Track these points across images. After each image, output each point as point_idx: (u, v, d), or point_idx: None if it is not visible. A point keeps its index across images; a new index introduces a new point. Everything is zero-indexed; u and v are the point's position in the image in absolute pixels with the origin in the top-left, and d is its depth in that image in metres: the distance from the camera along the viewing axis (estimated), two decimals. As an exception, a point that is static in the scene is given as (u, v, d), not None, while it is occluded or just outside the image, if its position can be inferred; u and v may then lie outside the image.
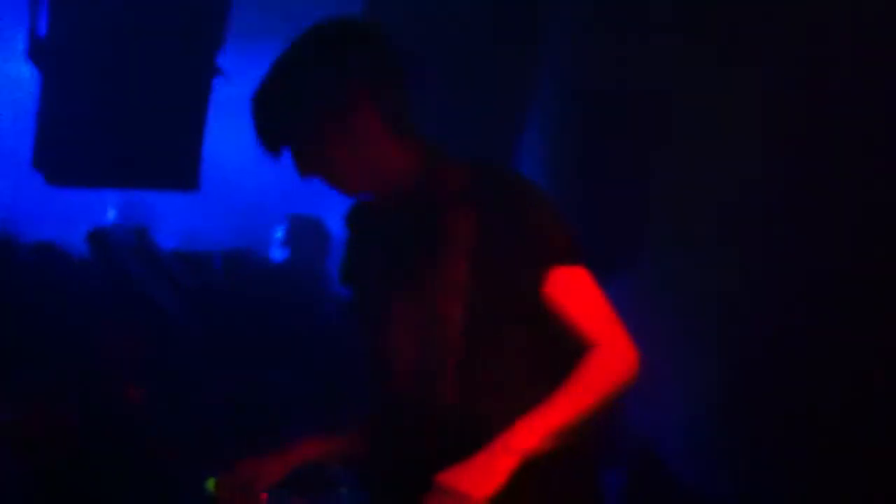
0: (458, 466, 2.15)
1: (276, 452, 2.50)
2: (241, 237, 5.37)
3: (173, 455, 3.43)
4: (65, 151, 3.96)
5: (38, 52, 3.90)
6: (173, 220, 6.12)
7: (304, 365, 4.05)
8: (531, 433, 2.17)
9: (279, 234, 5.14)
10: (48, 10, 3.84)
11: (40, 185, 4.19)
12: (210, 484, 2.64)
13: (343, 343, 3.65)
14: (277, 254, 5.10)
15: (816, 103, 3.21)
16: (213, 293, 4.42)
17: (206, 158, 4.19)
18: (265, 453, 2.49)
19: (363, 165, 2.32)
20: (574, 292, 2.27)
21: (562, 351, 2.26)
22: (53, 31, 3.85)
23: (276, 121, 2.32)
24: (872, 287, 2.99)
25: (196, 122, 4.07)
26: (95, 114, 3.90)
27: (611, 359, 2.24)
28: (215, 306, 4.31)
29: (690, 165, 3.73)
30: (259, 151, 2.38)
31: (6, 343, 3.61)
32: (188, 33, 3.95)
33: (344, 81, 2.27)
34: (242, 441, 3.43)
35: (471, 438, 2.20)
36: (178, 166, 4.12)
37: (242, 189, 6.21)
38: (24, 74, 4.15)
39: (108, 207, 6.20)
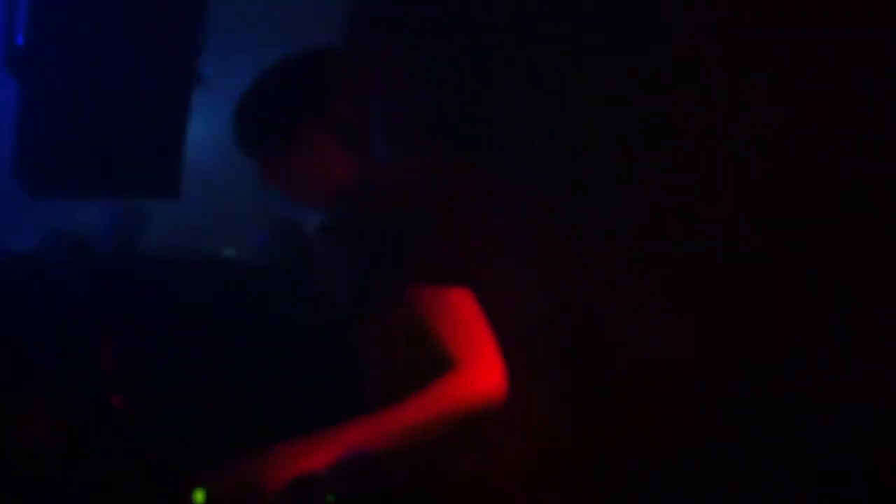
0: (285, 444, 2.39)
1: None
2: (225, 243, 5.37)
3: (163, 464, 3.41)
4: (44, 161, 3.94)
5: (14, 61, 3.88)
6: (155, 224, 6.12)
7: (289, 371, 4.04)
8: (367, 428, 2.34)
9: (259, 238, 5.15)
10: (25, 18, 3.82)
11: (20, 194, 4.17)
12: (198, 496, 2.63)
13: (325, 347, 3.64)
14: (257, 258, 5.09)
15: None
16: (195, 298, 4.40)
17: (187, 165, 4.20)
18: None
19: (315, 180, 2.61)
20: (445, 313, 2.38)
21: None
22: (30, 39, 3.83)
23: (242, 138, 2.64)
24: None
25: (176, 128, 4.07)
26: (75, 123, 3.88)
27: (467, 379, 2.34)
28: (197, 312, 4.29)
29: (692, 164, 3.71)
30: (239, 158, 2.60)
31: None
32: (166, 40, 3.94)
33: (300, 109, 2.56)
34: (229, 451, 3.41)
35: None
36: (158, 173, 4.11)
37: (224, 195, 6.21)
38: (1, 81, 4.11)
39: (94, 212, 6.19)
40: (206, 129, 4.38)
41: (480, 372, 2.34)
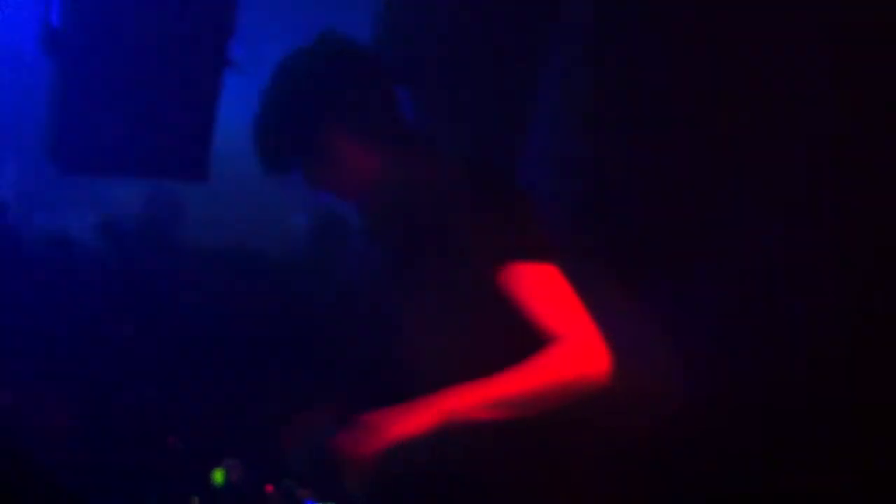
0: (386, 410, 2.31)
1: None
2: (255, 229, 5.37)
3: (178, 446, 3.43)
4: (75, 139, 3.96)
5: (50, 40, 3.91)
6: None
7: (311, 359, 4.06)
8: (462, 397, 2.27)
9: (302, 226, 5.15)
10: (61, -1, 3.85)
11: (51, 171, 4.19)
12: (217, 476, 2.65)
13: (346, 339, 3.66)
14: (300, 245, 5.11)
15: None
16: (221, 285, 4.42)
17: (217, 149, 4.20)
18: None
19: (350, 179, 2.58)
20: (537, 288, 2.34)
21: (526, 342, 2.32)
22: (66, 19, 3.85)
23: (267, 151, 2.61)
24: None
25: (206, 111, 4.08)
26: (106, 102, 3.90)
27: (572, 352, 2.28)
28: (223, 298, 4.31)
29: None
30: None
31: (10, 333, 3.62)
32: (199, 23, 3.95)
33: (323, 113, 2.53)
34: (248, 433, 3.43)
35: None
36: (187, 155, 4.12)
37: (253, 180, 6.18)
38: (33, 56, 4.13)
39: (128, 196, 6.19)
40: (238, 113, 4.39)
41: (584, 346, 2.28)
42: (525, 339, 2.33)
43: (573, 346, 2.29)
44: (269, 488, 2.70)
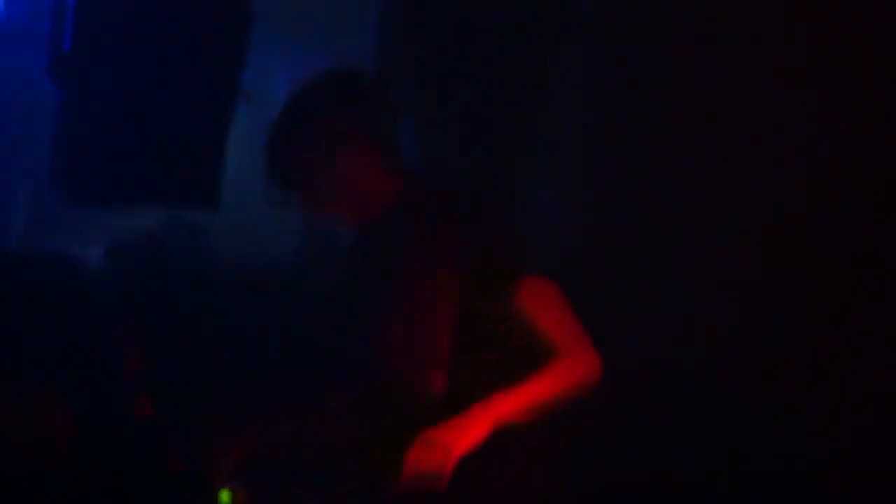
0: (441, 426, 2.46)
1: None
2: (265, 254, 5.37)
3: (182, 465, 3.42)
4: (83, 170, 3.96)
5: (58, 69, 3.91)
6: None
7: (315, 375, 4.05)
8: (505, 403, 2.48)
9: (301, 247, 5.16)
10: (71, 27, 3.84)
11: (60, 202, 4.18)
12: (224, 496, 2.66)
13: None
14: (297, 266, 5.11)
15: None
16: (225, 308, 4.41)
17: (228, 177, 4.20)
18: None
19: (356, 196, 2.71)
20: (544, 303, 2.58)
21: (523, 352, 2.56)
22: (75, 48, 3.85)
23: (280, 166, 2.72)
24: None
25: (216, 141, 4.08)
26: (115, 132, 3.90)
27: (577, 363, 2.55)
28: (226, 320, 4.30)
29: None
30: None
31: (14, 353, 3.61)
32: (210, 53, 3.96)
33: (334, 133, 2.67)
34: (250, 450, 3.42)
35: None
36: (197, 185, 4.12)
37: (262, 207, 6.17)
38: (44, 89, 4.14)
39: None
40: (247, 142, 4.39)
41: (587, 356, 2.55)
42: (522, 350, 2.57)
43: (579, 361, 2.55)
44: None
